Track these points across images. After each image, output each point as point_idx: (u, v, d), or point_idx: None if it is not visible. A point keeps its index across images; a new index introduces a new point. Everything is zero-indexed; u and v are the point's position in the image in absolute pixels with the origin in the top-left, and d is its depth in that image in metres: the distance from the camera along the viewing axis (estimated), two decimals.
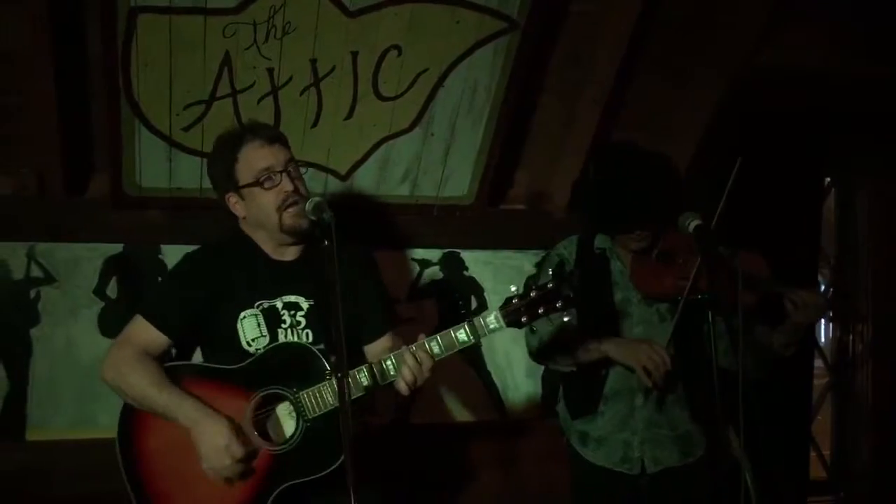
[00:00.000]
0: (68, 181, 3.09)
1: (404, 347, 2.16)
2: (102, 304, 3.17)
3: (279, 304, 2.27)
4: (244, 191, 2.25)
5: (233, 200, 2.29)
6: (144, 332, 2.24)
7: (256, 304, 2.26)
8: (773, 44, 3.44)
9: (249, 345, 2.24)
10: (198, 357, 2.39)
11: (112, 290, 3.18)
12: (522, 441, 3.62)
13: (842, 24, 3.54)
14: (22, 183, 3.09)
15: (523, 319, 2.12)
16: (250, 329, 2.24)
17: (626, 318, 2.67)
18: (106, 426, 3.12)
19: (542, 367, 3.35)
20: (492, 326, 2.14)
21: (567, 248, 2.75)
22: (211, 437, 2.11)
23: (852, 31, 3.57)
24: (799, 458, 4.11)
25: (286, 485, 2.15)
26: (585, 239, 2.74)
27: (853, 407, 4.46)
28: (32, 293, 3.10)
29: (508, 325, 2.14)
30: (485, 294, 3.63)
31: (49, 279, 3.12)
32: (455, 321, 3.46)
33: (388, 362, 2.16)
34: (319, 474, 2.13)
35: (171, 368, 2.23)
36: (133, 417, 2.24)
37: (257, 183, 2.22)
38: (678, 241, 2.55)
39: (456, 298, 3.59)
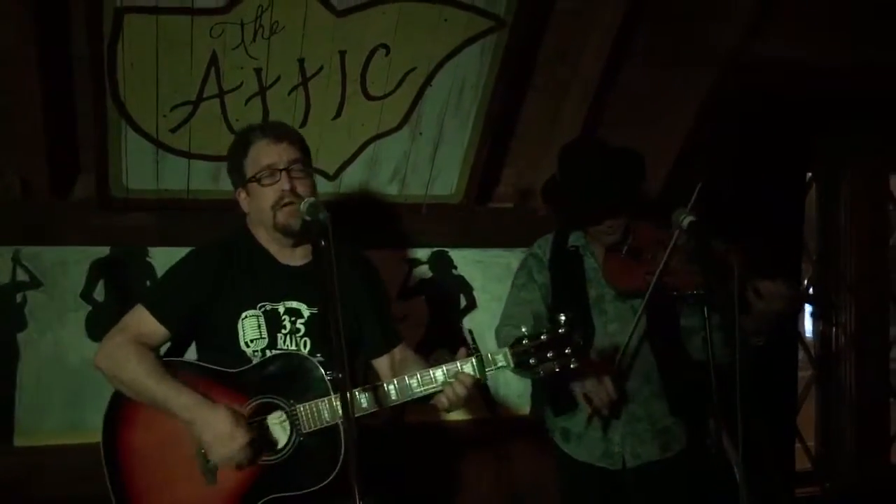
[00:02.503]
0: (53, 183, 3.05)
1: (428, 367, 2.19)
2: (90, 307, 3.14)
3: (281, 309, 2.26)
4: (249, 186, 2.27)
5: (242, 196, 2.32)
6: (144, 323, 2.22)
7: (259, 306, 2.25)
8: (757, 38, 3.47)
9: (248, 345, 2.23)
10: (191, 355, 2.37)
11: (99, 293, 3.15)
12: (513, 438, 3.63)
13: (825, 20, 3.56)
14: (6, 185, 3.05)
15: (531, 361, 2.15)
16: (250, 330, 2.23)
17: (601, 314, 2.72)
18: (95, 430, 3.05)
19: None
20: (500, 364, 2.18)
21: (542, 248, 2.84)
22: (213, 426, 2.08)
23: (835, 26, 3.60)
24: (785, 449, 4.15)
25: (270, 497, 2.13)
26: (560, 237, 2.82)
27: (837, 398, 4.50)
28: (18, 297, 3.07)
29: (517, 365, 2.18)
30: (474, 293, 3.63)
31: (35, 283, 3.08)
32: (445, 320, 3.57)
33: (391, 387, 2.18)
34: (303, 491, 2.12)
35: (169, 364, 2.21)
36: (120, 411, 2.20)
37: (256, 179, 2.24)
38: (647, 237, 2.64)
39: (445, 297, 3.59)
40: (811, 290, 4.49)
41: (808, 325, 5.17)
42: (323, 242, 2.00)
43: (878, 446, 4.51)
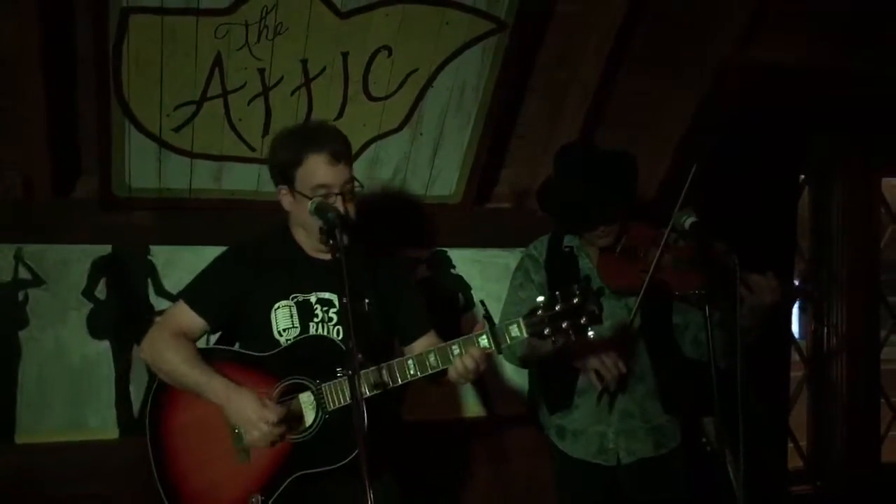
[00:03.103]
0: (56, 182, 3.06)
1: (446, 343, 2.25)
2: (91, 305, 3.15)
3: (313, 299, 2.35)
4: (298, 196, 2.30)
5: (283, 193, 2.36)
6: (184, 316, 2.35)
7: (291, 297, 2.34)
8: (752, 42, 3.53)
9: (280, 334, 2.32)
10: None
11: (101, 291, 3.17)
12: (510, 437, 3.66)
13: (819, 23, 3.61)
14: (8, 184, 3.06)
15: (546, 331, 2.17)
16: (283, 319, 2.32)
17: None
18: (96, 428, 3.15)
19: None
20: (514, 334, 2.21)
21: (537, 249, 2.88)
22: (242, 409, 2.20)
23: (829, 29, 3.65)
24: (778, 448, 4.20)
25: (299, 473, 2.22)
26: (555, 238, 2.85)
27: (828, 398, 4.56)
28: (20, 295, 3.08)
29: (531, 334, 2.20)
30: (472, 292, 3.66)
31: (37, 281, 3.09)
32: (443, 319, 3.58)
33: (410, 362, 2.24)
34: (331, 466, 2.19)
35: (206, 352, 2.34)
36: (163, 395, 2.34)
37: (311, 198, 2.25)
38: (641, 236, 2.67)
39: (444, 296, 3.62)
40: (797, 283, 4.52)
41: (797, 326, 5.22)
42: (331, 241, 2.05)
43: (869, 445, 4.56)
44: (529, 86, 3.42)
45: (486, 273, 3.67)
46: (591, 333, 2.16)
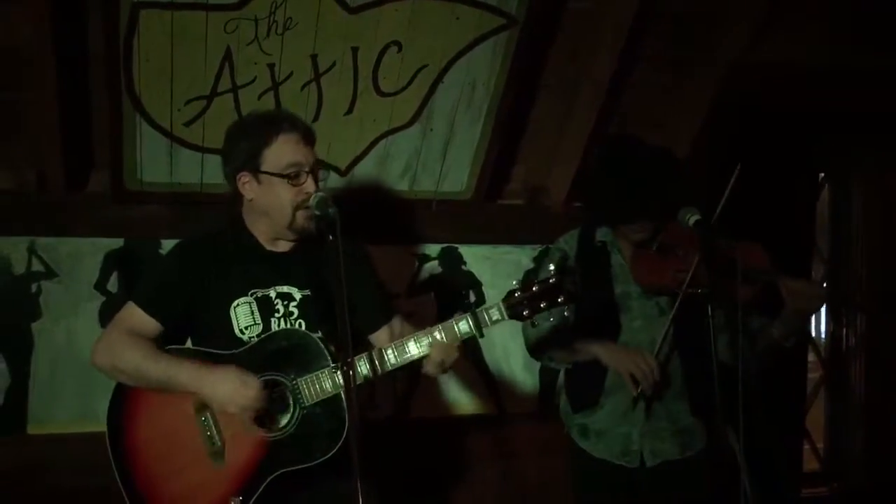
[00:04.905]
0: (69, 176, 3.10)
1: (426, 329, 2.20)
2: (103, 298, 3.18)
3: (272, 294, 2.27)
4: (263, 176, 2.21)
5: (244, 180, 2.24)
6: (136, 319, 2.24)
7: (250, 293, 2.26)
8: (768, 40, 3.48)
9: (243, 332, 2.24)
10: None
11: (113, 284, 3.19)
12: (520, 434, 3.65)
13: (837, 21, 3.56)
14: (22, 178, 3.10)
15: (525, 312, 2.16)
16: (244, 316, 2.24)
17: (626, 311, 2.68)
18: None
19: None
20: (494, 318, 2.18)
21: (568, 242, 2.78)
22: (222, 382, 2.13)
23: (848, 27, 3.60)
24: (793, 450, 4.16)
25: (279, 472, 2.15)
26: (587, 232, 2.77)
27: (846, 400, 4.51)
28: (34, 287, 3.12)
29: (511, 317, 2.17)
30: (483, 289, 3.65)
31: (50, 274, 3.13)
32: (453, 315, 3.58)
33: (389, 351, 2.19)
34: (313, 462, 2.14)
35: (169, 351, 2.23)
36: (122, 407, 2.22)
37: (284, 175, 2.20)
38: (679, 234, 2.57)
39: (454, 293, 3.61)
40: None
41: (817, 326, 5.16)
42: (331, 237, 2.03)
43: (886, 447, 4.51)
44: (541, 82, 3.41)
45: (497, 269, 3.66)
46: (566, 314, 2.17)
